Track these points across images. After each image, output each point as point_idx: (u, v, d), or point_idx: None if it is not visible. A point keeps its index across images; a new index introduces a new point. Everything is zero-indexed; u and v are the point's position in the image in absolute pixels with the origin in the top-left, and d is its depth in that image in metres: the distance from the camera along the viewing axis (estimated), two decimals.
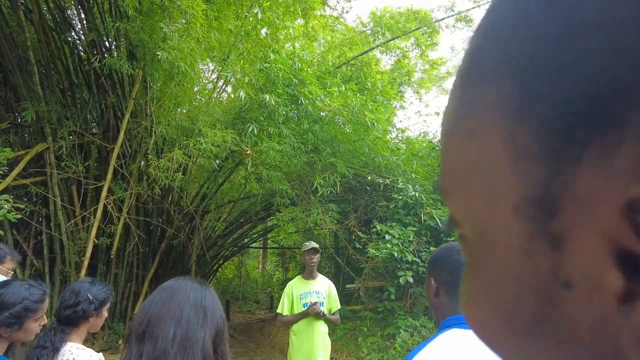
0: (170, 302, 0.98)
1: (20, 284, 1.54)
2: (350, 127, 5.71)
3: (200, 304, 1.01)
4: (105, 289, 1.65)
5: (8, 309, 1.45)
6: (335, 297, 3.47)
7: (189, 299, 1.00)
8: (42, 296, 1.54)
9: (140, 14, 4.51)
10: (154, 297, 1.01)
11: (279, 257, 13.41)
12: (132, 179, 5.39)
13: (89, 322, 1.58)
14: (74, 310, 1.53)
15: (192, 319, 0.97)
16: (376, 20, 10.03)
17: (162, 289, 1.03)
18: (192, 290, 1.03)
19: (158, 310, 0.97)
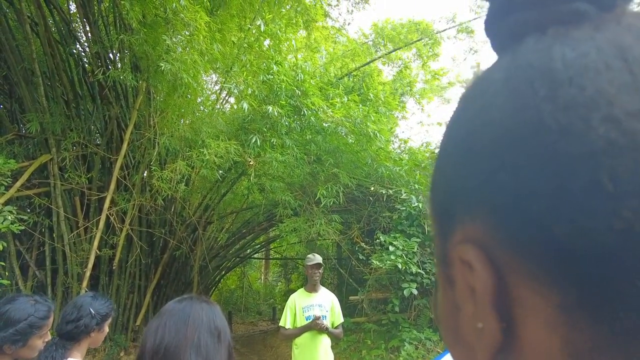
0: (185, 328, 0.96)
1: (25, 300, 1.52)
2: (352, 137, 5.72)
3: (214, 327, 0.99)
4: (107, 304, 1.63)
5: (13, 326, 1.43)
6: (339, 310, 3.44)
7: (203, 323, 0.98)
8: (47, 312, 1.52)
9: (144, 27, 4.56)
10: (165, 321, 0.97)
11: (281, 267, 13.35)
12: (135, 190, 5.39)
13: (91, 337, 1.56)
14: (75, 325, 1.51)
15: (209, 345, 0.95)
16: (378, 32, 10.11)
17: (172, 313, 1.00)
18: (204, 312, 1.01)
19: (173, 338, 0.94)
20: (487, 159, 0.23)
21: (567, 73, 0.21)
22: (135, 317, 6.07)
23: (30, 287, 5.27)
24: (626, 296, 0.19)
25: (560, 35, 0.23)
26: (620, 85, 0.20)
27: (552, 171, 0.20)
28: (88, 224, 5.15)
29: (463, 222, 0.25)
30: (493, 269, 0.23)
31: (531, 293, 0.22)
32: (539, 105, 0.21)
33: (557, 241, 0.20)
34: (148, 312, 6.43)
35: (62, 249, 5.23)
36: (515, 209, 0.22)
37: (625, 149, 0.19)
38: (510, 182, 0.22)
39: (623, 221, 0.19)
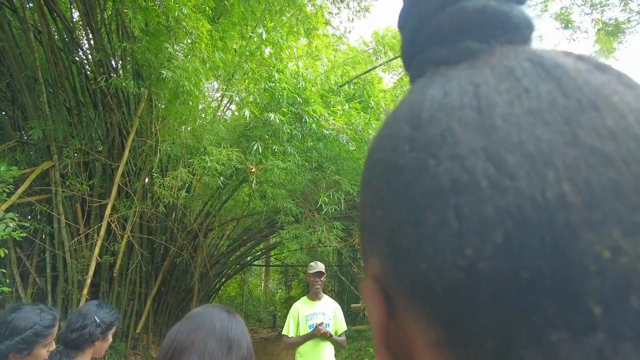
0: (195, 334, 0.97)
1: (31, 309, 1.52)
2: (354, 144, 5.73)
3: (226, 336, 0.99)
4: (112, 313, 1.63)
5: (19, 334, 1.43)
6: (342, 318, 3.43)
7: (215, 330, 0.99)
8: (52, 321, 1.52)
9: (146, 35, 4.59)
10: (182, 325, 1.00)
11: (281, 275, 13.31)
12: (137, 196, 5.39)
13: (95, 346, 1.55)
14: (80, 334, 1.51)
15: (216, 353, 0.95)
16: (378, 40, 10.18)
17: (189, 318, 1.02)
18: (219, 320, 1.01)
19: (182, 341, 0.95)
20: (372, 195, 0.25)
21: (429, 112, 0.22)
22: (136, 324, 6.04)
23: (30, 295, 5.25)
24: (473, 335, 0.19)
25: (437, 75, 0.24)
26: (467, 123, 0.21)
27: (410, 208, 0.21)
28: (89, 230, 5.15)
29: (368, 256, 0.26)
30: (386, 305, 0.23)
31: (414, 328, 0.22)
32: (402, 144, 0.23)
33: (420, 278, 0.21)
34: (148, 319, 6.40)
35: (63, 256, 5.22)
36: (389, 244, 0.23)
37: (467, 186, 0.20)
38: (385, 217, 0.23)
39: (466, 259, 0.19)
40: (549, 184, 0.18)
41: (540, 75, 0.21)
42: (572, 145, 0.19)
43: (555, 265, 0.18)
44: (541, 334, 0.18)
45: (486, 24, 0.25)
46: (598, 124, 0.19)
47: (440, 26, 0.26)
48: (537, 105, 0.20)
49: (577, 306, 0.18)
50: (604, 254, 0.17)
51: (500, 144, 0.20)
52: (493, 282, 0.19)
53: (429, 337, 0.21)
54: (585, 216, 0.18)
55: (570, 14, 8.02)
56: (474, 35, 0.25)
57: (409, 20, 0.28)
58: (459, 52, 0.25)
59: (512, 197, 0.19)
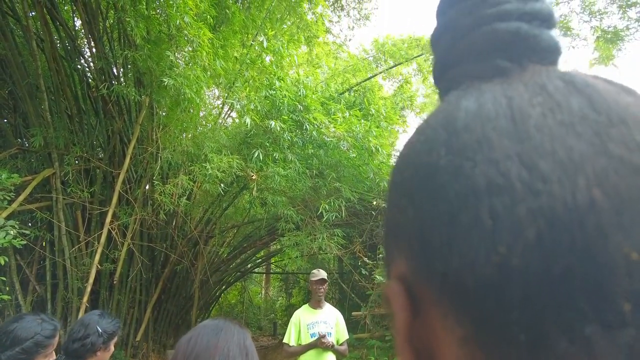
0: (216, 340, 1.01)
1: (32, 319, 1.51)
2: (354, 152, 5.74)
3: (243, 345, 1.04)
4: (114, 322, 1.62)
5: (20, 344, 1.42)
6: (344, 327, 3.41)
7: (234, 338, 1.04)
8: (53, 331, 1.51)
9: (148, 43, 4.62)
10: (199, 332, 1.03)
11: (282, 282, 13.26)
12: (137, 204, 5.39)
13: (97, 356, 1.54)
14: (82, 343, 1.50)
15: (237, 358, 1.00)
16: (378, 48, 10.23)
17: (205, 326, 1.06)
18: (236, 330, 1.07)
19: (204, 347, 0.99)
20: (403, 196, 0.26)
21: (465, 121, 0.24)
22: (136, 332, 6.01)
23: (30, 302, 5.23)
24: (504, 329, 0.20)
25: (471, 88, 0.26)
26: (502, 132, 0.22)
27: (445, 207, 0.23)
28: (89, 238, 5.14)
29: (394, 258, 0.27)
30: (410, 304, 0.25)
31: (441, 326, 0.23)
32: (439, 148, 0.24)
33: (452, 274, 0.22)
34: (148, 327, 6.37)
35: (63, 264, 5.20)
36: (419, 242, 0.24)
37: (502, 187, 0.21)
38: (415, 216, 0.25)
39: (499, 256, 0.20)
40: (579, 188, 0.20)
41: (572, 92, 0.23)
42: (602, 155, 0.20)
43: (586, 263, 0.19)
44: (574, 328, 0.19)
45: (518, 45, 0.27)
46: (627, 137, 0.21)
47: (474, 44, 0.28)
48: (568, 118, 0.22)
49: (608, 302, 0.19)
50: (632, 256, 0.19)
51: (533, 151, 0.21)
52: (526, 278, 0.20)
53: (456, 333, 0.22)
54: (614, 219, 0.19)
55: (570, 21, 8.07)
56: (506, 55, 0.27)
57: (443, 37, 0.30)
58: (491, 68, 0.27)
59: (544, 198, 0.20)
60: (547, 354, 0.19)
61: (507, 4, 0.27)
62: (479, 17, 0.28)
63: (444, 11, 0.31)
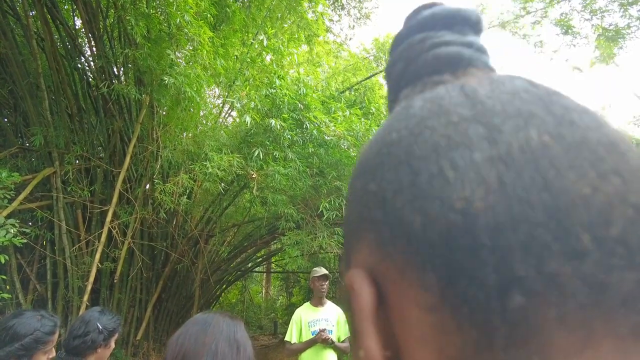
0: (204, 336, 0.98)
1: (32, 315, 1.51)
2: (355, 150, 5.73)
3: (233, 338, 1.01)
4: (114, 319, 1.62)
5: (19, 340, 1.42)
6: (345, 324, 3.40)
7: (223, 333, 1.01)
8: (53, 328, 1.51)
9: (148, 41, 4.61)
10: (187, 329, 1.01)
11: (282, 281, 13.26)
12: (138, 203, 5.39)
13: (97, 352, 1.54)
14: (82, 340, 1.50)
15: (226, 354, 0.97)
16: (379, 47, 10.22)
17: (195, 322, 1.03)
18: (225, 324, 1.04)
19: (192, 345, 0.96)
20: (363, 178, 0.28)
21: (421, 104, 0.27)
22: (136, 331, 6.01)
23: (30, 301, 5.23)
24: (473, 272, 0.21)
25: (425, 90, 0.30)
26: (456, 103, 0.25)
27: (406, 171, 0.24)
28: (90, 237, 5.14)
29: (354, 250, 0.28)
30: (373, 287, 0.25)
31: (407, 302, 0.23)
32: (398, 126, 0.27)
33: (415, 233, 0.23)
34: (149, 326, 6.37)
35: (64, 263, 5.20)
36: (383, 211, 0.25)
37: (460, 143, 0.23)
38: (378, 189, 0.26)
39: (463, 201, 0.22)
40: (531, 136, 0.22)
41: (513, 77, 0.27)
42: (547, 113, 0.23)
43: (545, 199, 0.21)
44: (540, 262, 0.20)
45: (460, 62, 0.31)
46: (564, 102, 0.25)
47: (424, 65, 0.32)
48: (514, 90, 0.25)
49: (569, 234, 0.20)
50: (584, 190, 0.21)
51: (486, 112, 0.24)
52: (490, 218, 0.21)
53: (422, 303, 0.22)
54: (565, 159, 0.21)
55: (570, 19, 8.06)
56: (451, 70, 0.31)
57: (396, 65, 0.34)
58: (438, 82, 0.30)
59: (502, 146, 0.22)
60: (517, 289, 0.20)
61: (449, 36, 0.32)
62: (427, 45, 0.32)
63: (396, 45, 0.35)
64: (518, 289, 0.20)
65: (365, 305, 0.24)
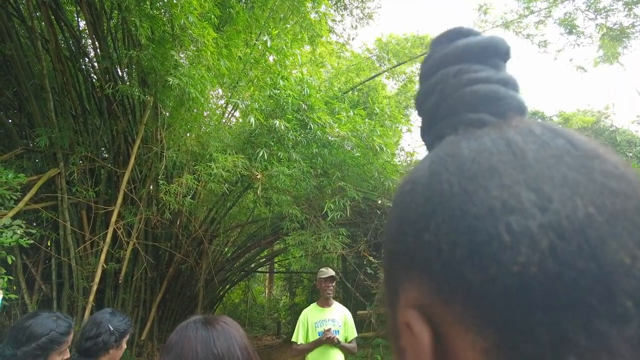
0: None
1: (47, 316, 1.52)
2: (359, 151, 5.73)
3: (212, 355, 0.91)
4: (125, 320, 1.63)
5: (35, 340, 1.43)
6: (352, 325, 3.41)
7: (198, 355, 0.90)
8: (68, 329, 1.52)
9: (152, 43, 4.62)
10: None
11: (285, 281, 13.27)
12: (142, 203, 5.40)
13: (109, 354, 1.55)
14: (94, 342, 1.51)
15: None
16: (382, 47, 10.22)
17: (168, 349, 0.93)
18: (200, 342, 0.93)
19: None
20: (414, 223, 0.29)
21: (470, 155, 0.28)
22: (140, 332, 6.02)
23: (36, 301, 5.25)
24: (528, 330, 0.23)
25: (467, 133, 0.31)
26: (507, 163, 0.27)
27: (463, 227, 0.26)
28: (94, 237, 5.16)
29: (404, 287, 0.30)
30: (430, 327, 0.27)
31: (462, 343, 0.25)
32: (450, 178, 0.28)
33: (474, 287, 0.25)
34: (153, 326, 6.38)
35: (69, 263, 5.22)
36: (438, 262, 0.27)
37: (515, 208, 0.25)
38: (433, 239, 0.27)
39: (519, 265, 0.24)
40: (578, 206, 0.24)
41: (554, 134, 0.29)
42: (590, 181, 0.25)
43: (592, 266, 0.23)
44: (589, 323, 0.22)
45: (498, 101, 0.33)
46: (603, 168, 0.26)
47: (461, 101, 0.33)
48: (557, 153, 0.27)
49: (614, 300, 0.22)
50: (625, 260, 0.23)
51: (536, 177, 0.26)
52: (544, 282, 0.23)
53: (478, 347, 0.24)
54: (608, 230, 0.24)
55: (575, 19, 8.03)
56: (489, 109, 0.33)
57: (430, 97, 0.35)
58: (478, 120, 0.32)
59: (552, 215, 0.24)
60: (569, 348, 0.22)
61: (485, 72, 0.33)
62: (463, 81, 0.33)
63: (428, 75, 0.36)
64: (569, 347, 0.22)
65: (425, 345, 0.26)
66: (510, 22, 9.06)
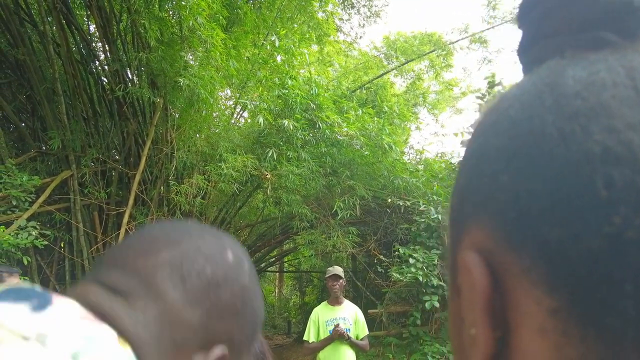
0: None
1: None
2: (368, 150, 5.72)
3: None
4: None
5: None
6: (363, 323, 3.41)
7: None
8: None
9: (161, 44, 4.66)
10: None
11: (295, 280, 13.30)
12: (153, 204, 5.45)
13: None
14: None
15: None
16: (389, 45, 10.18)
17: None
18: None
19: None
20: (493, 163, 0.25)
21: (574, 88, 0.23)
22: None
23: None
24: (611, 301, 0.20)
25: (576, 58, 0.25)
26: (623, 100, 0.21)
27: (550, 174, 0.22)
28: (107, 238, 5.22)
29: (470, 228, 0.26)
30: (489, 273, 0.24)
31: (525, 297, 0.22)
32: (544, 114, 0.23)
33: (551, 243, 0.21)
34: None
35: (82, 264, 5.29)
36: (514, 209, 0.23)
37: (622, 157, 0.20)
38: (511, 183, 0.23)
39: (613, 227, 0.19)
40: None
41: None
42: None
43: None
44: None
45: (629, 17, 0.25)
46: None
47: (576, 15, 0.26)
48: None
49: None
50: None
51: None
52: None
53: (546, 304, 0.21)
54: None
55: None
56: (615, 27, 0.25)
57: (536, 7, 0.28)
58: (596, 40, 0.25)
59: None
60: None
61: None
62: None
63: None
64: None
65: (481, 288, 0.24)
66: None
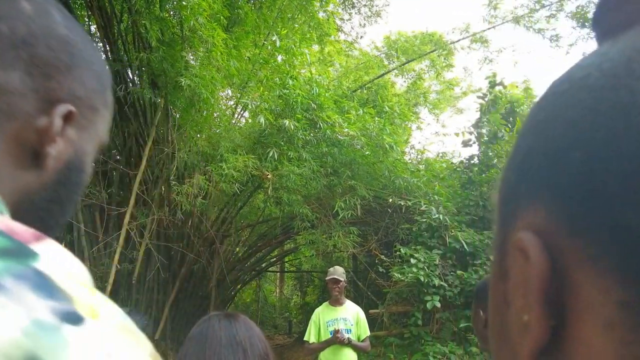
0: (203, 354, 0.93)
1: None
2: (368, 149, 5.72)
3: (236, 343, 0.96)
4: (140, 320, 1.64)
5: None
6: (364, 323, 3.41)
7: (222, 341, 0.95)
8: None
9: (162, 45, 4.66)
10: (186, 350, 0.96)
11: (296, 281, 13.29)
12: (154, 204, 5.45)
13: None
14: None
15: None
16: (390, 44, 10.17)
17: (191, 338, 0.98)
18: (223, 330, 0.98)
19: None
20: (563, 137, 0.22)
21: None
22: (154, 331, 6.08)
23: None
24: None
25: None
26: None
27: (633, 151, 0.19)
28: (108, 238, 5.22)
29: (526, 208, 0.24)
30: (550, 258, 0.21)
31: (590, 286, 0.20)
32: (632, 83, 0.20)
33: (628, 229, 0.18)
34: (166, 326, 6.44)
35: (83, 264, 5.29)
36: (585, 189, 0.20)
37: None
38: (584, 160, 0.20)
39: None
40: None
41: None
42: None
43: None
44: None
45: None
46: None
47: None
48: None
49: None
50: None
51: None
52: None
53: (618, 295, 0.19)
54: None
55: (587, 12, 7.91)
56: None
57: None
58: None
59: None
60: None
61: None
62: None
63: None
64: None
65: (538, 273, 0.22)
66: (521, 17, 8.95)
